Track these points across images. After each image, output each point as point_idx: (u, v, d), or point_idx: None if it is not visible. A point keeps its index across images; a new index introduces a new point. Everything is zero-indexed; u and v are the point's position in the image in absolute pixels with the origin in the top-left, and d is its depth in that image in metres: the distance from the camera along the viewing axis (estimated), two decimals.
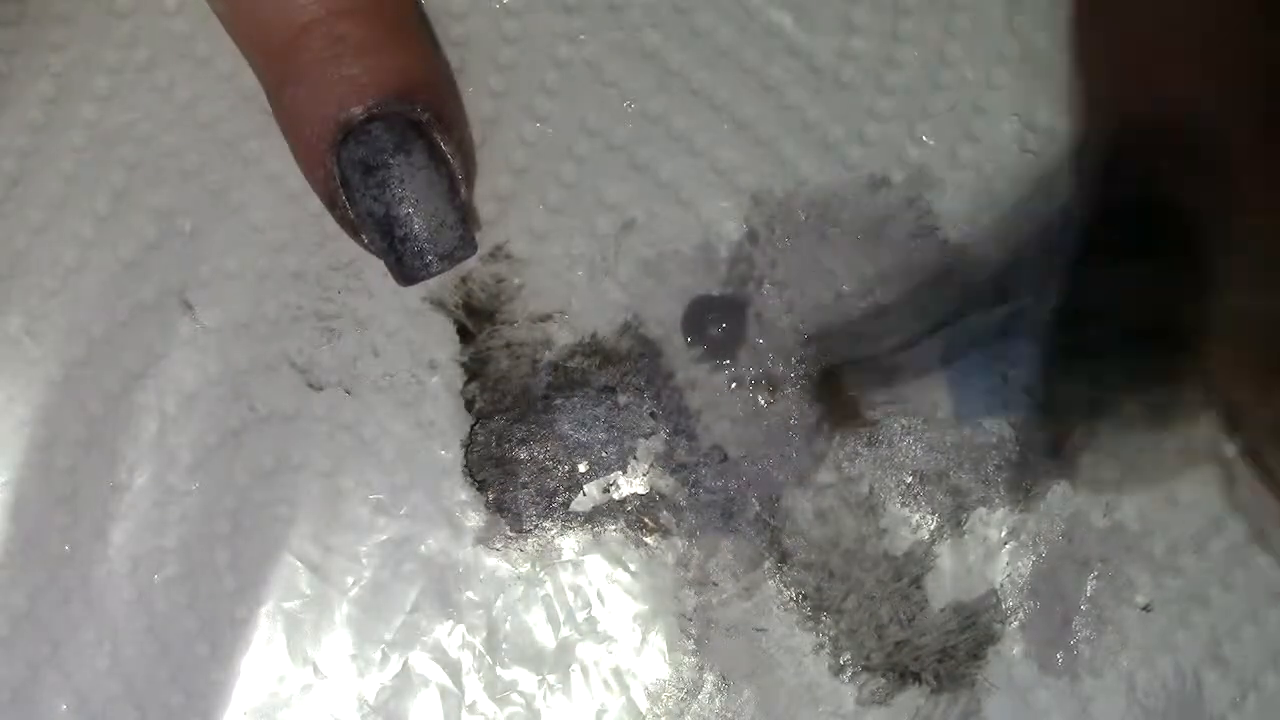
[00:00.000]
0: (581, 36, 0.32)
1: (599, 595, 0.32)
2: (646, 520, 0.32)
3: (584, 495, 0.32)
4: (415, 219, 0.27)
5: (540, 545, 0.32)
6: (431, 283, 0.32)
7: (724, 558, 0.32)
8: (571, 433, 0.32)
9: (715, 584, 0.32)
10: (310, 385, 0.32)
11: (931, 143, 0.32)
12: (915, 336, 0.32)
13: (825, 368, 0.32)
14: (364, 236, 0.28)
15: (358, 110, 0.27)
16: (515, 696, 0.32)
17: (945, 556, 0.32)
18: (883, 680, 0.32)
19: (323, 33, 0.27)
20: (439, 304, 0.32)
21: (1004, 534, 0.32)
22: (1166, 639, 0.32)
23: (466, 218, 0.28)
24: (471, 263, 0.32)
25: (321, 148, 0.27)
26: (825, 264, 0.32)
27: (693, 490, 0.32)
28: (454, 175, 0.28)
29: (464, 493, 0.32)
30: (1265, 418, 0.30)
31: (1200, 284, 0.29)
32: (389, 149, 0.27)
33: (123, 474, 0.32)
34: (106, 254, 0.32)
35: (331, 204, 0.28)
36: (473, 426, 0.32)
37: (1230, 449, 0.32)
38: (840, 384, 0.32)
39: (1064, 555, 0.33)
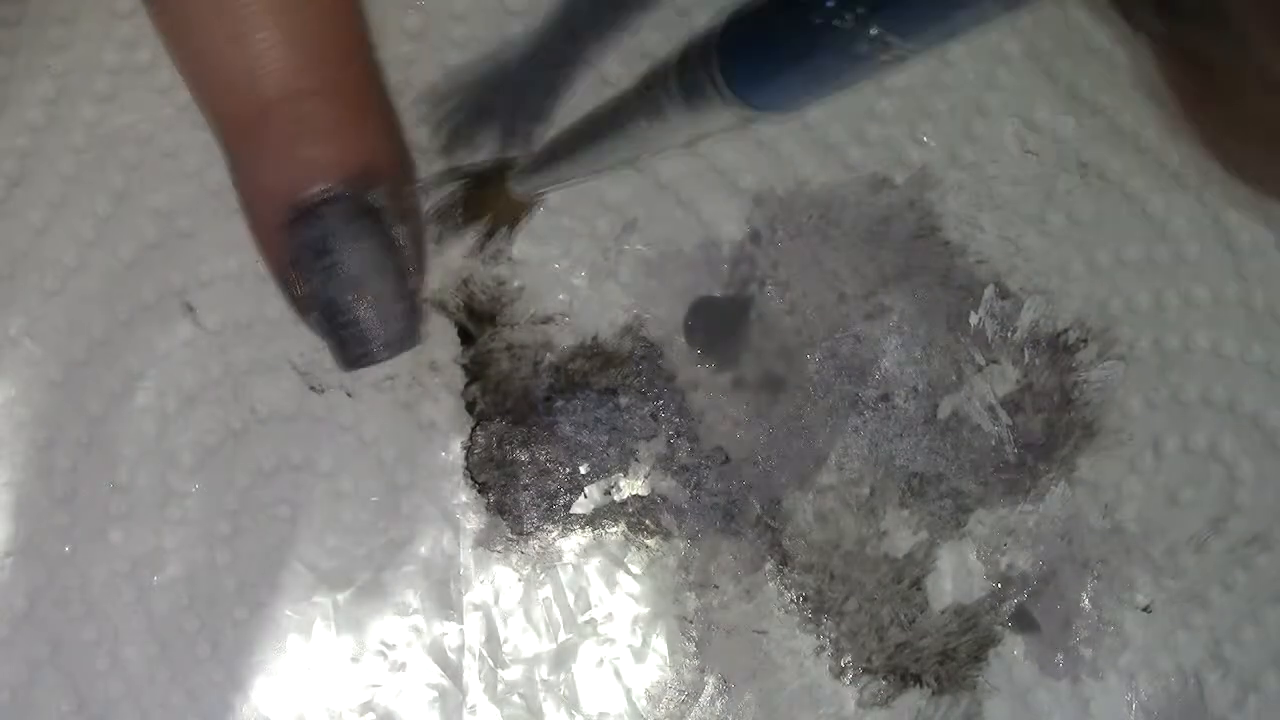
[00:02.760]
0: (582, 37, 0.32)
1: (600, 598, 0.32)
2: (648, 522, 0.32)
3: (585, 497, 0.32)
4: (359, 306, 0.27)
5: (541, 547, 0.32)
6: (433, 284, 0.32)
7: (725, 560, 0.32)
8: (573, 435, 0.32)
9: (716, 586, 0.32)
10: (311, 387, 0.32)
11: (933, 143, 0.32)
12: None
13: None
14: (309, 318, 0.28)
15: (312, 192, 0.26)
16: (515, 698, 0.32)
17: (945, 558, 0.32)
18: (884, 682, 0.32)
19: (287, 111, 0.26)
20: (440, 306, 0.32)
21: (1004, 536, 0.32)
22: (1167, 640, 0.33)
23: (414, 308, 0.28)
24: (473, 265, 0.32)
25: (274, 225, 0.27)
26: (828, 265, 0.32)
27: (694, 492, 0.32)
28: (404, 264, 0.28)
29: (465, 494, 0.32)
30: None
31: None
32: (337, 233, 0.27)
33: (123, 474, 0.32)
34: (106, 254, 0.32)
35: (282, 283, 0.28)
36: (473, 428, 0.32)
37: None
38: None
39: (1064, 556, 0.33)
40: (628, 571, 0.32)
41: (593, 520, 0.32)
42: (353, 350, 0.28)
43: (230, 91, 0.27)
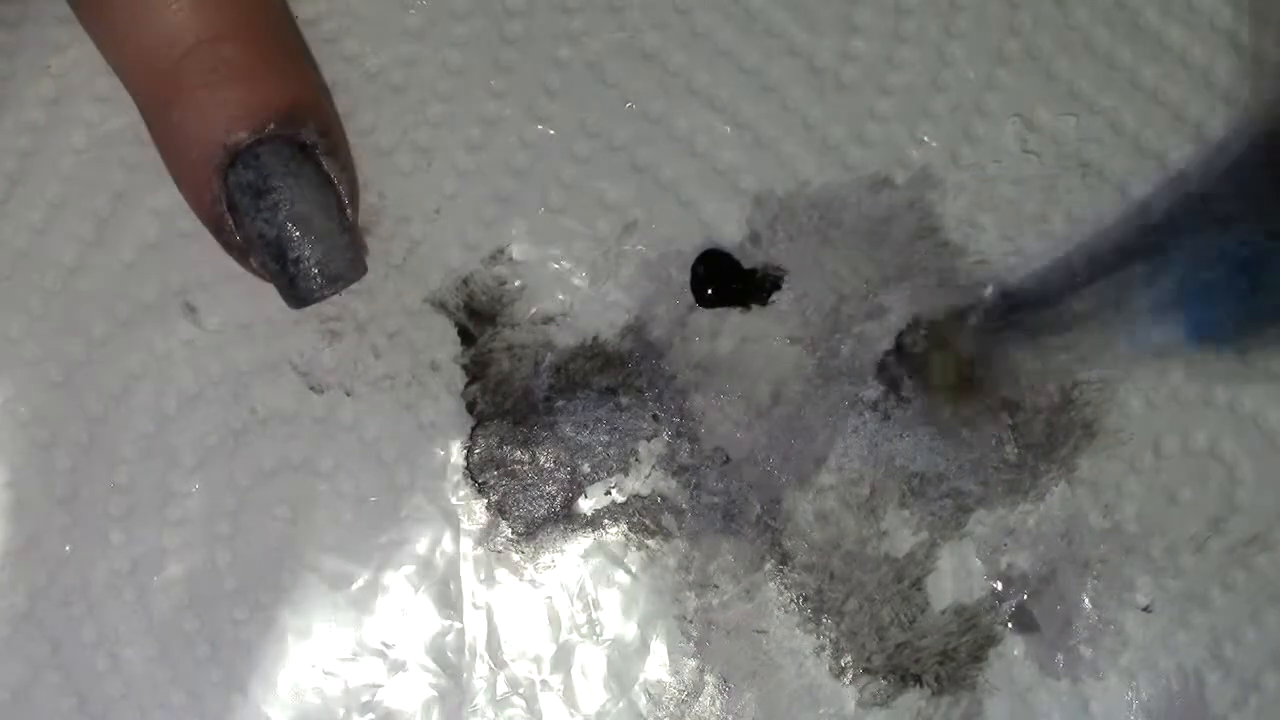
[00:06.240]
0: (582, 38, 0.32)
1: (600, 597, 0.32)
2: (648, 522, 0.32)
3: (585, 497, 0.32)
4: (307, 241, 0.28)
5: (541, 547, 0.32)
6: (434, 284, 0.32)
7: (725, 560, 0.32)
8: (573, 435, 0.32)
9: (716, 586, 0.32)
10: (311, 387, 0.32)
11: (933, 143, 0.32)
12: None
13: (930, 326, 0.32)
14: (254, 260, 0.28)
15: (244, 135, 0.27)
16: (515, 698, 0.32)
17: (946, 558, 0.32)
18: (884, 682, 0.32)
19: (205, 56, 0.26)
20: (440, 306, 0.32)
21: (1004, 535, 0.32)
22: (1167, 640, 0.33)
23: (355, 240, 0.29)
24: (474, 264, 0.32)
25: (207, 173, 0.27)
26: (828, 265, 0.32)
27: (694, 492, 0.32)
28: (340, 197, 0.28)
29: (465, 495, 0.32)
30: None
31: None
32: (278, 172, 0.27)
33: (123, 475, 0.32)
34: (106, 254, 0.32)
35: (218, 229, 0.28)
36: (474, 428, 0.32)
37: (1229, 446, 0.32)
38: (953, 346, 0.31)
39: (1064, 556, 0.33)
40: (628, 571, 0.32)
41: (593, 520, 0.32)
42: (303, 286, 0.28)
43: (146, 49, 0.27)
